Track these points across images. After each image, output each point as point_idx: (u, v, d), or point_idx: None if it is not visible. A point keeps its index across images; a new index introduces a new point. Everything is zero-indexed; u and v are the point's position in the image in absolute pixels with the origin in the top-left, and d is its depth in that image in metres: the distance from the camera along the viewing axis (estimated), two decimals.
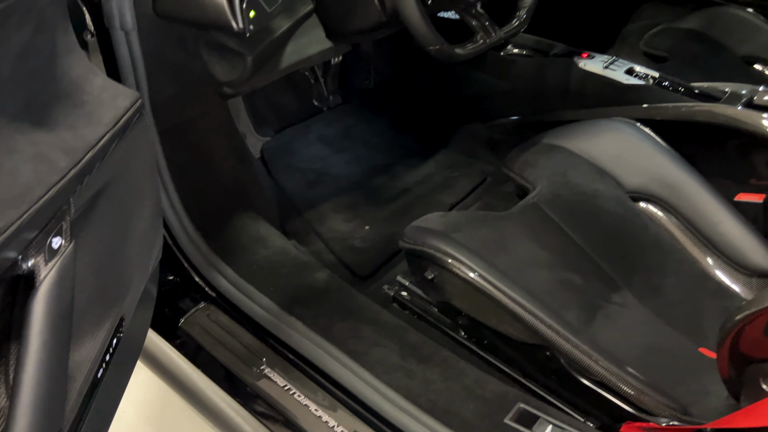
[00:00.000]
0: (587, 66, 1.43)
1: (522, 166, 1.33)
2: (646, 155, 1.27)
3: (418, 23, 0.99)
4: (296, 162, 1.68)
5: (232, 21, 0.87)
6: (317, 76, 1.89)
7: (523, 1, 1.18)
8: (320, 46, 1.15)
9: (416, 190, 1.60)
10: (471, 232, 1.11)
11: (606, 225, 1.21)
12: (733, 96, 1.31)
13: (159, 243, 0.94)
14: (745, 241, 1.17)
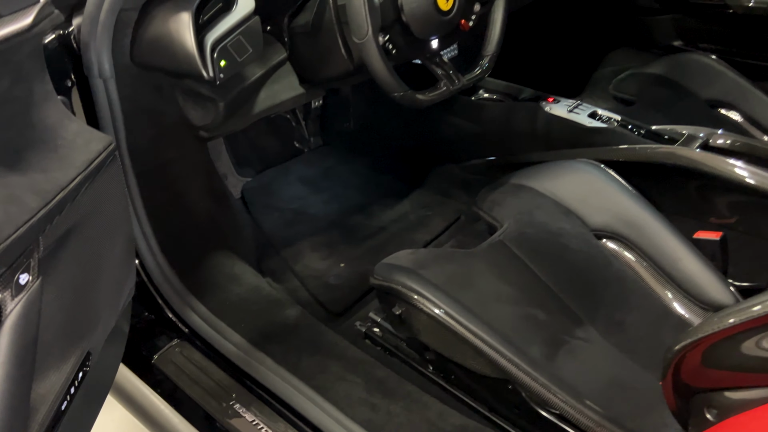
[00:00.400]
0: (553, 110, 1.49)
1: (490, 205, 1.38)
2: (609, 195, 1.32)
3: (382, 72, 1.05)
4: (275, 202, 1.72)
5: (202, 70, 0.93)
6: (299, 119, 1.95)
7: (486, 50, 1.25)
8: (293, 92, 1.21)
9: (391, 229, 1.65)
10: (438, 269, 1.15)
11: (571, 262, 1.24)
12: (690, 138, 1.37)
13: (131, 281, 0.97)
14: (703, 277, 1.21)
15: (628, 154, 1.38)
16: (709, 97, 1.79)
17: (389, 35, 1.08)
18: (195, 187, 1.27)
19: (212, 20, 0.98)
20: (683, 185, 1.36)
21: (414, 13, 1.08)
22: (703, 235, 1.32)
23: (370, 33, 1.01)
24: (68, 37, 0.97)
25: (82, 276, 0.78)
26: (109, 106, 1.02)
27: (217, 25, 0.98)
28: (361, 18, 1.00)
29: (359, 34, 1.02)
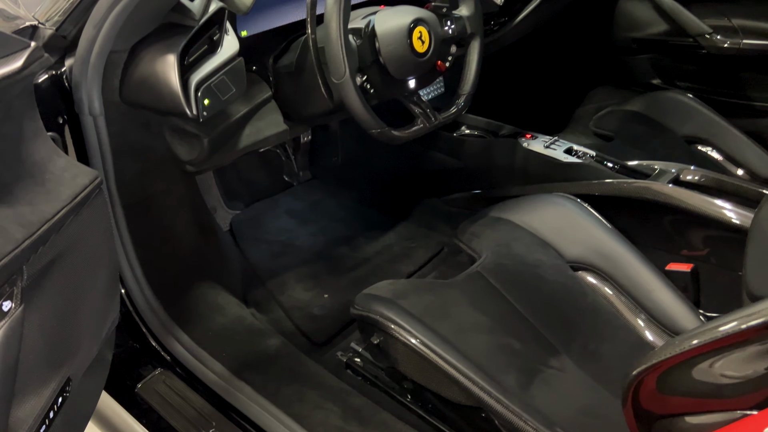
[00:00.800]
0: (530, 145, 1.54)
1: (470, 237, 1.42)
2: (584, 228, 1.36)
3: (359, 110, 1.10)
4: (263, 234, 1.76)
5: (186, 109, 0.98)
6: (288, 154, 2.01)
7: (462, 89, 1.30)
8: (276, 128, 1.26)
9: (376, 260, 1.68)
10: (415, 299, 1.18)
11: (547, 293, 1.28)
12: (662, 173, 1.42)
13: (115, 310, 1.00)
14: (675, 307, 1.24)
15: (603, 188, 1.43)
16: (685, 133, 1.85)
17: (367, 75, 1.14)
18: (181, 219, 1.31)
19: (198, 61, 1.04)
20: (655, 218, 1.40)
21: (391, 55, 1.14)
22: (675, 267, 1.36)
23: (348, 74, 1.06)
24: (61, 77, 1.02)
25: (64, 304, 0.81)
26: (98, 141, 1.07)
27: (202, 66, 1.03)
28: (338, 60, 1.06)
29: (337, 74, 1.07)
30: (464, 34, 1.28)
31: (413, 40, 1.15)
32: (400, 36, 1.14)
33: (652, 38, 2.08)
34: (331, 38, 1.05)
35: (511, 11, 1.69)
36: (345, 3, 1.05)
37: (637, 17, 2.08)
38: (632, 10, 2.09)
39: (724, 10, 1.92)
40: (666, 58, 2.11)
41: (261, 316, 1.42)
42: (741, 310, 0.69)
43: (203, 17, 1.02)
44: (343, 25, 1.05)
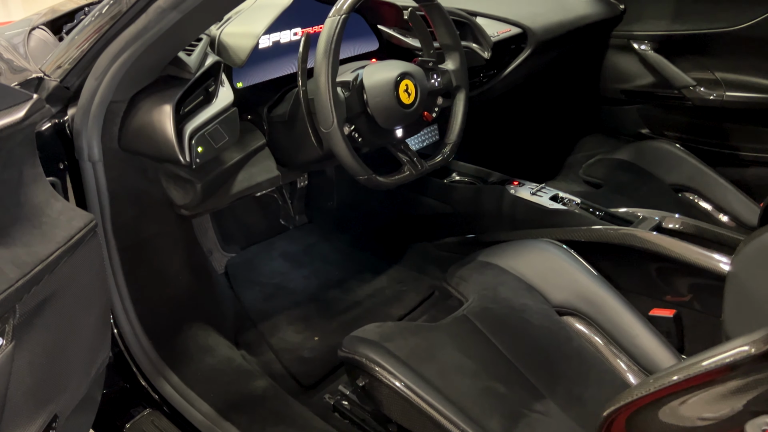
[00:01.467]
0: (517, 192, 1.59)
1: (458, 281, 1.44)
2: (570, 273, 1.39)
3: (347, 158, 1.15)
4: (257, 276, 1.79)
5: (180, 156, 1.03)
6: (285, 198, 2.06)
7: (448, 139, 1.36)
8: (268, 174, 1.31)
9: (367, 303, 1.71)
10: (401, 342, 1.20)
11: (532, 337, 1.29)
12: (644, 221, 1.45)
13: (105, 349, 1.03)
14: (659, 352, 1.25)
15: (588, 234, 1.46)
16: (673, 182, 1.89)
17: (355, 125, 1.19)
18: (175, 262, 1.34)
19: (193, 111, 1.09)
20: (639, 265, 1.43)
21: (378, 106, 1.20)
22: (658, 313, 1.38)
23: (335, 124, 1.12)
24: (63, 125, 1.07)
25: (55, 342, 0.84)
26: (96, 186, 1.11)
27: (197, 116, 1.09)
28: (327, 110, 1.11)
29: (325, 124, 1.12)
30: (450, 86, 1.34)
31: (400, 92, 1.21)
32: (387, 89, 1.20)
33: (639, 90, 2.15)
34: (320, 90, 1.11)
35: (499, 64, 1.76)
36: (333, 57, 1.11)
37: (625, 69, 2.16)
38: (620, 63, 2.16)
39: (707, 63, 1.99)
40: (654, 109, 2.17)
41: (251, 358, 1.44)
42: (707, 351, 0.72)
43: (199, 70, 1.09)
44: (332, 77, 1.11)
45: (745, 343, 0.69)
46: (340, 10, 1.12)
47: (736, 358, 0.67)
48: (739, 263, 1.13)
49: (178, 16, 0.91)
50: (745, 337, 0.70)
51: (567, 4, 1.99)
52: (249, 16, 1.27)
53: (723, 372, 0.69)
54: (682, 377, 0.71)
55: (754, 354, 0.66)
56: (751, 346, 0.68)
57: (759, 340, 0.66)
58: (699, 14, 1.93)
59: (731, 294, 1.13)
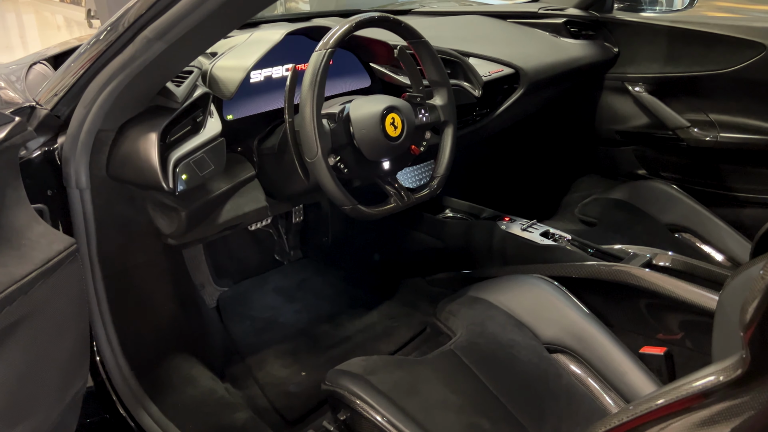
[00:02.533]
0: (508, 228, 1.59)
1: (447, 316, 1.43)
2: (560, 309, 1.38)
3: (331, 188, 1.16)
4: (248, 311, 1.79)
5: (163, 182, 1.04)
6: (280, 233, 2.07)
7: (436, 172, 1.37)
8: (256, 204, 1.32)
9: (357, 338, 1.69)
10: (385, 376, 1.18)
11: (520, 373, 1.27)
12: (635, 257, 1.45)
13: (82, 377, 1.02)
14: (649, 390, 1.23)
15: (578, 270, 1.45)
16: (668, 221, 1.89)
17: (341, 156, 1.20)
18: (161, 291, 1.34)
19: (180, 140, 1.11)
20: (630, 301, 1.41)
21: (363, 138, 1.21)
22: (649, 350, 1.36)
23: (320, 154, 1.13)
24: (53, 152, 1.09)
25: (26, 364, 0.84)
26: (83, 213, 1.13)
27: (183, 144, 1.10)
28: (311, 140, 1.13)
29: (310, 154, 1.14)
30: (438, 121, 1.35)
31: (386, 125, 1.23)
32: (373, 121, 1.22)
33: (634, 131, 2.16)
34: (305, 120, 1.13)
35: (492, 103, 1.78)
36: (319, 89, 1.13)
37: (620, 111, 2.18)
38: (614, 104, 2.19)
39: (700, 105, 2.01)
40: (649, 149, 2.18)
41: (235, 391, 1.42)
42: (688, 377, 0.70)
43: (187, 100, 1.11)
44: (316, 108, 1.13)
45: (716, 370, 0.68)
46: (326, 45, 1.15)
47: (707, 386, 0.66)
48: (726, 297, 1.11)
49: (163, 47, 0.94)
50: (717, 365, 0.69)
51: (560, 46, 2.03)
52: (241, 51, 1.30)
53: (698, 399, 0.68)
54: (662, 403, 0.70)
55: (724, 381, 0.65)
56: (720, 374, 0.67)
57: (729, 367, 0.65)
58: (691, 57, 1.95)
59: (718, 328, 1.11)
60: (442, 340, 1.63)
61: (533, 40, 2.02)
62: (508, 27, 2.09)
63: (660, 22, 2.01)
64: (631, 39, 2.08)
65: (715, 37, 1.88)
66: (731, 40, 1.85)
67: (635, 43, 2.08)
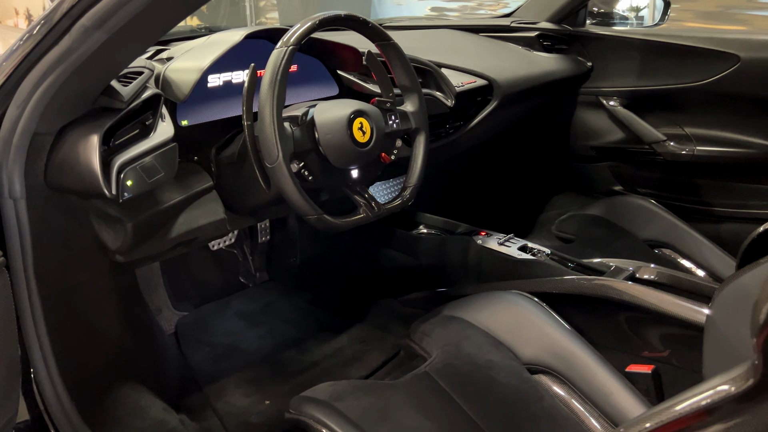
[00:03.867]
0: (484, 243, 1.51)
1: (421, 337, 1.34)
2: (540, 327, 1.30)
3: (293, 195, 1.07)
4: (208, 337, 1.67)
5: (104, 188, 0.94)
6: (245, 254, 1.96)
7: (408, 182, 1.29)
8: (213, 217, 1.22)
9: (324, 364, 1.58)
10: (354, 402, 1.09)
11: (499, 396, 1.19)
12: (617, 271, 1.38)
13: (12, 408, 0.90)
14: (636, 412, 1.15)
15: (558, 285, 1.38)
16: (646, 237, 1.83)
17: (305, 162, 1.12)
18: (108, 314, 1.23)
19: (126, 144, 1.02)
20: (613, 317, 1.34)
21: (329, 143, 1.13)
22: (635, 369, 1.28)
23: (281, 158, 1.04)
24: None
25: None
26: (17, 226, 1.01)
27: (129, 149, 1.01)
28: (271, 144, 1.04)
29: (270, 159, 1.05)
30: (409, 128, 1.28)
31: (353, 130, 1.15)
32: (340, 125, 1.14)
33: (610, 146, 2.12)
34: (264, 122, 1.04)
35: (465, 115, 1.72)
36: (279, 89, 1.05)
37: (595, 126, 2.14)
38: (589, 120, 2.15)
39: (675, 119, 1.98)
40: (624, 165, 2.14)
41: (191, 423, 1.30)
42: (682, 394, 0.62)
43: (134, 101, 1.01)
44: (277, 109, 1.04)
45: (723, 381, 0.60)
46: (287, 42, 1.08)
47: (714, 399, 0.58)
48: (716, 310, 1.05)
49: (104, 37, 0.85)
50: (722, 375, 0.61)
51: (534, 59, 1.99)
52: (197, 53, 1.22)
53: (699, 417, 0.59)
54: (653, 425, 0.61)
55: (734, 393, 0.57)
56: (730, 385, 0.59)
57: (738, 377, 0.57)
58: (666, 70, 1.93)
59: (710, 343, 1.04)
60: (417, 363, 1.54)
61: (506, 53, 1.98)
62: (481, 40, 2.05)
63: (633, 36, 1.99)
64: (605, 53, 2.06)
65: (689, 49, 1.86)
66: (705, 53, 1.83)
67: (609, 57, 2.05)
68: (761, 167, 1.86)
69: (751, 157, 1.86)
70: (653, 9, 2.33)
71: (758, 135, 1.84)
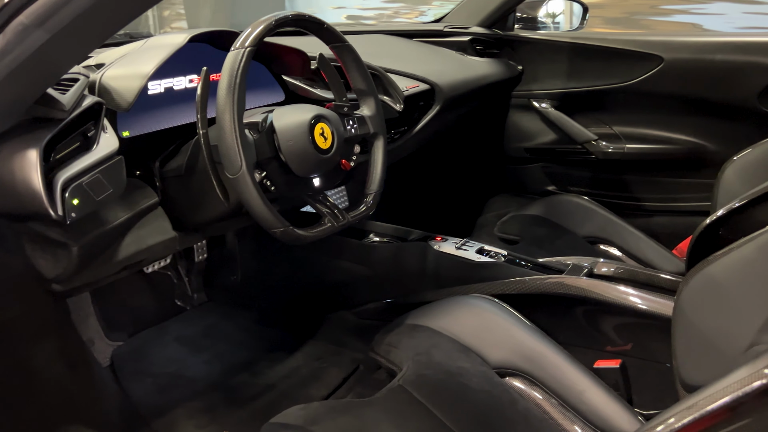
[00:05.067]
0: (441, 247, 1.49)
1: (387, 349, 1.29)
2: (505, 329, 1.28)
3: (258, 207, 0.99)
4: (148, 367, 1.53)
5: (49, 208, 0.83)
6: (180, 275, 1.82)
7: (369, 189, 1.24)
8: (162, 236, 1.12)
9: (281, 386, 1.50)
10: (330, 424, 1.02)
11: (473, 403, 1.16)
12: (576, 268, 1.39)
13: None
14: (609, 407, 1.15)
15: (520, 286, 1.37)
16: (586, 234, 1.88)
17: (266, 172, 1.04)
18: (44, 350, 1.09)
19: (68, 159, 0.90)
20: (576, 314, 1.35)
21: (291, 150, 1.06)
22: (603, 364, 1.29)
23: (244, 167, 0.96)
24: None
25: None
26: None
27: (72, 164, 0.89)
28: (233, 152, 0.96)
29: (232, 169, 0.97)
30: (367, 133, 1.23)
31: (315, 135, 1.08)
32: (301, 131, 1.07)
33: (542, 147, 2.17)
34: (224, 130, 0.96)
35: (409, 120, 1.70)
36: (239, 93, 0.97)
37: (527, 128, 2.18)
38: (522, 122, 2.19)
39: (604, 118, 2.05)
40: (557, 165, 2.20)
41: None
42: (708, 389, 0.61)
43: (74, 111, 0.90)
44: (237, 116, 0.96)
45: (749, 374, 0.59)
46: (243, 43, 1.00)
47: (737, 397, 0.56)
48: (684, 302, 1.07)
49: (45, 37, 0.74)
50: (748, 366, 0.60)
51: (468, 64, 2.00)
52: (135, 58, 1.11)
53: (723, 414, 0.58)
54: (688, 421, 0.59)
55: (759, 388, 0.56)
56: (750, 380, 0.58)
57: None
58: (594, 71, 2.00)
59: (681, 336, 1.06)
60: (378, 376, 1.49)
61: (442, 58, 1.98)
62: (417, 45, 2.04)
63: (561, 39, 2.05)
64: (534, 56, 2.10)
65: (615, 51, 1.93)
66: (631, 54, 1.90)
67: (538, 60, 2.10)
68: (685, 162, 1.96)
69: (676, 152, 1.95)
70: (570, 15, 2.41)
71: (681, 131, 1.94)
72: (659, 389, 1.24)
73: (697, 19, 3.74)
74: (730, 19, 3.59)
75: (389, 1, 4.82)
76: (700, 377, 0.99)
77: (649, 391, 1.26)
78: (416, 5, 4.42)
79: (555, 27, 2.40)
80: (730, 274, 0.99)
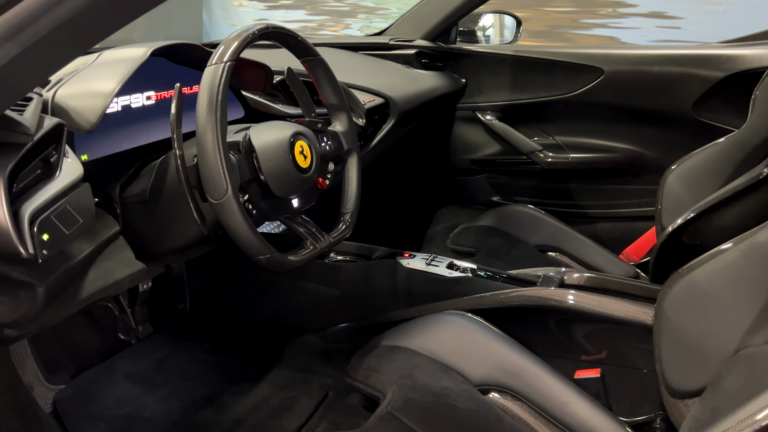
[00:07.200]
0: (411, 264, 1.45)
1: (366, 374, 1.24)
2: (483, 345, 1.26)
3: (245, 234, 0.92)
4: (98, 410, 1.40)
5: (20, 247, 0.72)
6: (123, 306, 1.68)
7: (346, 207, 1.19)
8: (130, 269, 1.02)
9: (250, 420, 1.40)
10: None
11: (461, 423, 1.13)
12: (547, 279, 1.40)
13: None
14: (594, 418, 1.16)
15: (494, 300, 1.36)
16: (536, 242, 1.91)
17: (248, 195, 0.97)
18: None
19: (30, 188, 0.80)
20: (552, 325, 1.35)
21: (272, 171, 1.00)
22: (584, 374, 1.30)
23: (230, 192, 0.89)
24: None
25: None
26: None
27: (36, 194, 0.79)
28: (218, 176, 0.88)
29: (217, 193, 0.89)
30: (341, 150, 1.19)
31: (296, 154, 1.03)
32: (281, 150, 1.01)
33: (488, 158, 2.19)
34: (207, 152, 0.88)
35: (365, 135, 1.66)
36: (221, 111, 0.90)
37: (473, 140, 2.20)
38: (467, 134, 2.21)
39: (548, 129, 2.10)
40: (503, 176, 2.23)
41: None
42: (754, 402, 0.60)
43: (38, 133, 0.80)
44: (221, 135, 0.89)
45: None
46: (222, 58, 0.93)
47: None
48: (668, 308, 1.09)
49: (15, 51, 0.65)
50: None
51: (416, 77, 1.99)
52: (90, 74, 1.01)
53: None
54: None
55: None
56: None
57: None
58: (536, 84, 2.04)
59: (666, 342, 1.08)
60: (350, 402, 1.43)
61: (391, 71, 1.96)
62: (364, 58, 2.01)
63: (504, 52, 2.08)
64: (478, 69, 2.13)
65: (557, 64, 1.99)
66: (572, 66, 1.96)
67: (482, 73, 2.12)
68: (626, 169, 2.04)
69: (617, 160, 2.03)
70: (500, 28, 2.46)
71: (622, 140, 2.01)
72: (638, 396, 1.26)
73: (614, 32, 3.97)
74: (645, 32, 3.83)
75: (313, 13, 4.76)
76: (688, 382, 1.01)
77: (628, 398, 1.28)
78: (341, 18, 4.38)
79: (485, 40, 2.44)
80: (714, 279, 1.02)
